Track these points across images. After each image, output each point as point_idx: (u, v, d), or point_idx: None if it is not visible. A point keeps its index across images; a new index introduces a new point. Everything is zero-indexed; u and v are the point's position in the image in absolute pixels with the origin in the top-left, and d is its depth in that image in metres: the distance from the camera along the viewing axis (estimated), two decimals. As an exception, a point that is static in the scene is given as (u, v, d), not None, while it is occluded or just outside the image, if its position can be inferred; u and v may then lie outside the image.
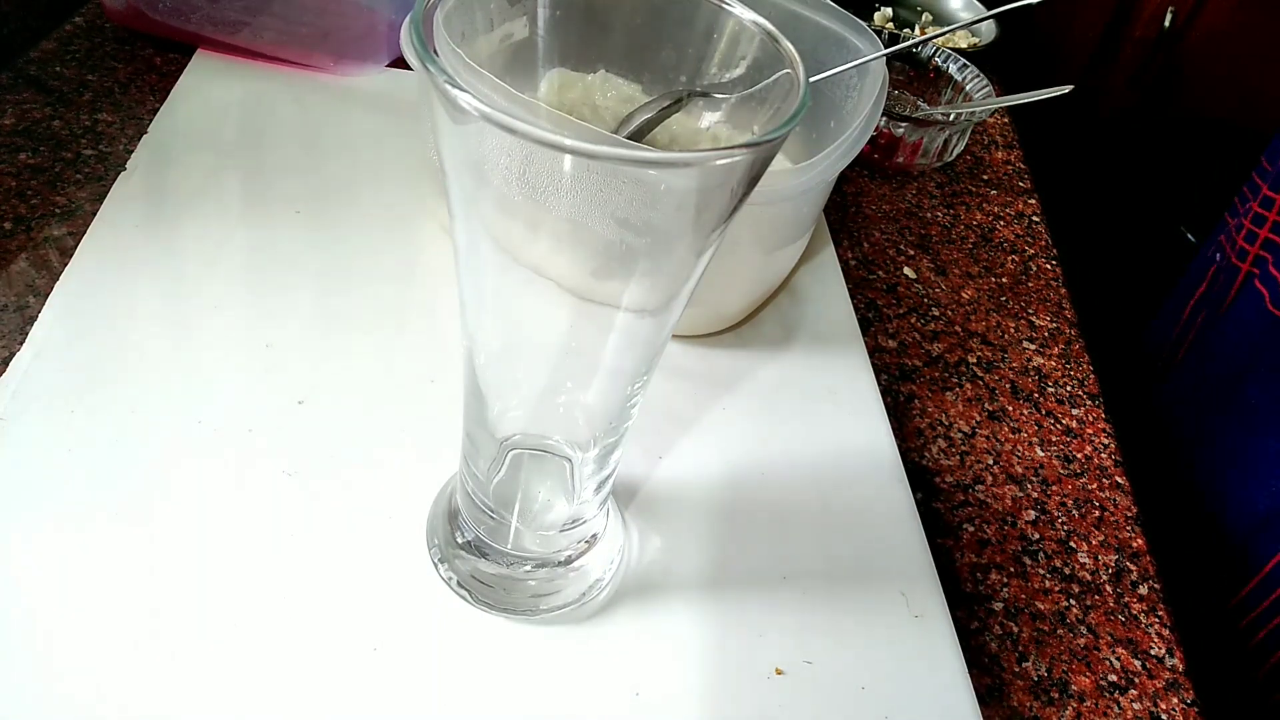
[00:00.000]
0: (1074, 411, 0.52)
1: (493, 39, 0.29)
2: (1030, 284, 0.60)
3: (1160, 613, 0.42)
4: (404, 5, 0.59)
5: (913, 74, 0.71)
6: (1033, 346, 0.56)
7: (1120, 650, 0.41)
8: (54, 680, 0.30)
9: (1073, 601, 0.42)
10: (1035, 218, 0.67)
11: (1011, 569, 0.43)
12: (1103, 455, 0.50)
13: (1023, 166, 0.72)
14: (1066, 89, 0.62)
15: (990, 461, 0.48)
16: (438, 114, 0.23)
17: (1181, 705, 0.39)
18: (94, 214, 0.46)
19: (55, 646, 0.31)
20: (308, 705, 0.31)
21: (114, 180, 0.48)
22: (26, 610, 0.32)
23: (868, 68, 0.47)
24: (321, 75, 0.59)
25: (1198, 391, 0.67)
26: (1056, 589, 0.42)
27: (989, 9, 0.67)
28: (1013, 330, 0.56)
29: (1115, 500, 0.47)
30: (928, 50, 0.70)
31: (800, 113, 0.24)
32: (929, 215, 0.64)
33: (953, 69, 0.69)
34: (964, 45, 0.88)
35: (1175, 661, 0.41)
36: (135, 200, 0.47)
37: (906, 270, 0.59)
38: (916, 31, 0.88)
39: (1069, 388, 0.53)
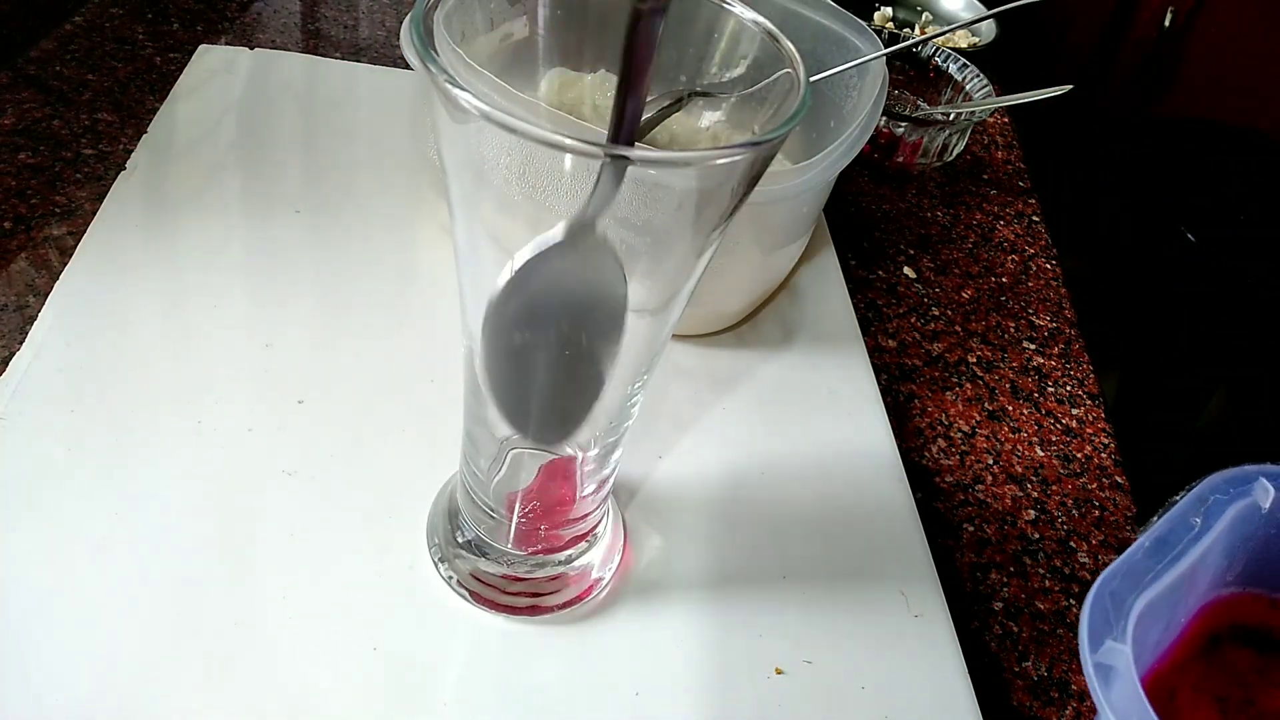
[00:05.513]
0: (1074, 411, 0.52)
1: (493, 39, 0.29)
2: (1030, 284, 0.60)
3: (1160, 613, 0.42)
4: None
5: (913, 74, 0.71)
6: (1033, 346, 0.56)
7: (1120, 650, 0.41)
8: (54, 680, 0.30)
9: (1073, 601, 0.42)
10: (1035, 218, 0.67)
11: (1011, 569, 0.43)
12: (1103, 455, 0.50)
13: (1022, 166, 0.72)
14: (1066, 89, 0.62)
15: (990, 461, 0.48)
16: (438, 114, 0.23)
17: (1181, 705, 0.39)
18: (94, 214, 0.46)
19: (55, 646, 0.31)
20: (308, 705, 0.31)
21: (114, 180, 0.48)
22: (26, 610, 0.32)
23: (868, 68, 0.47)
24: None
25: None
26: (1056, 589, 0.42)
27: (989, 9, 0.67)
28: (1013, 330, 0.56)
29: (1115, 500, 0.47)
30: (928, 50, 0.70)
31: (800, 113, 0.24)
32: (929, 215, 0.64)
33: (953, 69, 0.69)
34: (964, 45, 0.88)
35: (1175, 661, 0.41)
36: (135, 200, 0.47)
37: (906, 270, 0.59)
38: (916, 31, 0.88)
39: (1069, 388, 0.53)
